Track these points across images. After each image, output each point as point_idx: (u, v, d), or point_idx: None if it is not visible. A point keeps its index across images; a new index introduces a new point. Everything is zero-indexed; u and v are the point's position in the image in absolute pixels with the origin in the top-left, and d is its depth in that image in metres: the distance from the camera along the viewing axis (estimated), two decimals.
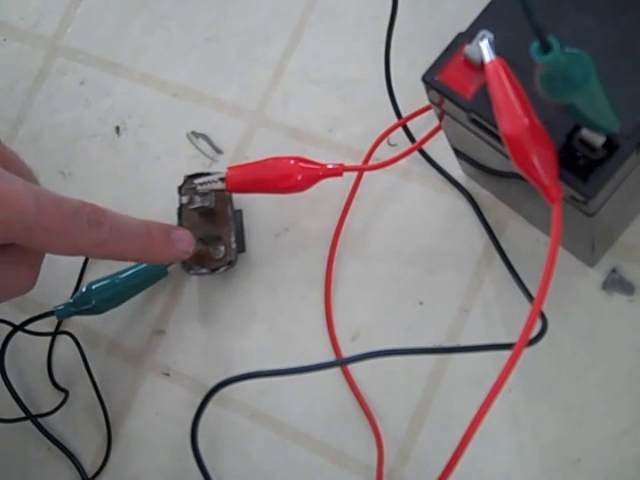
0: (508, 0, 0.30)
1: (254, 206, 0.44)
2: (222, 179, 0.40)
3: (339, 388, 0.40)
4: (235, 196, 0.43)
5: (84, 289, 0.41)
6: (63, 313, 0.41)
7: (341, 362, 0.39)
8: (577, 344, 0.38)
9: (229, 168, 0.40)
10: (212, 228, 0.42)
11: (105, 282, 0.41)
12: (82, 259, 0.45)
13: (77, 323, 0.45)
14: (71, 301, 0.41)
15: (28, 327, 0.43)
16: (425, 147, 0.42)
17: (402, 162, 0.42)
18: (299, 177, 0.39)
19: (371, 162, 0.42)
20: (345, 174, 0.39)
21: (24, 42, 0.51)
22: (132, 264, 0.42)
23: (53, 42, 0.51)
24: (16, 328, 0.42)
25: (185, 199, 0.42)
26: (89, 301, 0.40)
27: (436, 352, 0.39)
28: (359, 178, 0.42)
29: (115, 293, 0.41)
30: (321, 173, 0.39)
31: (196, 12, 0.49)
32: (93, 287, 0.41)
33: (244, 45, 0.47)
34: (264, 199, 0.43)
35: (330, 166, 0.39)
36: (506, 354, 0.28)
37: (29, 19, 0.52)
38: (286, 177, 0.39)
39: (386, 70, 0.42)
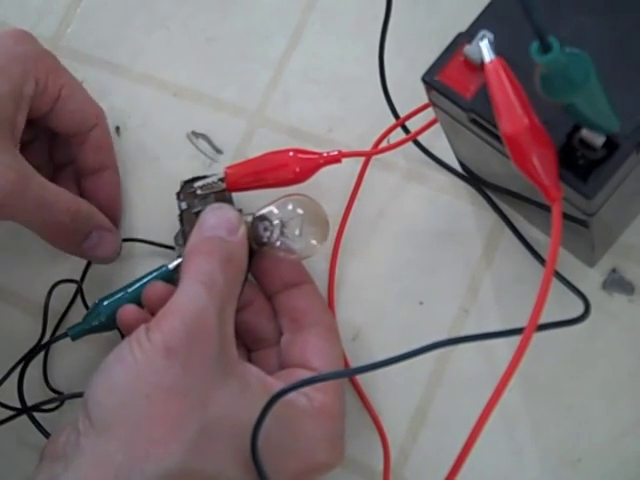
0: (508, 0, 0.30)
1: (255, 206, 0.44)
2: (221, 179, 0.40)
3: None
4: (235, 196, 0.43)
5: (93, 306, 0.41)
6: (76, 333, 0.40)
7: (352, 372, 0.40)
8: (577, 344, 0.38)
9: (227, 167, 0.40)
10: None
11: (114, 297, 0.40)
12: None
13: None
14: (81, 321, 0.41)
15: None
16: (427, 145, 0.42)
17: (403, 163, 0.42)
18: (298, 166, 0.39)
19: (371, 162, 0.42)
20: (345, 176, 0.40)
21: None
22: (138, 277, 0.42)
23: (53, 42, 0.51)
24: (35, 354, 0.43)
25: (184, 205, 0.42)
26: (99, 317, 0.40)
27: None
28: (360, 178, 0.42)
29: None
30: (322, 161, 0.40)
31: (196, 12, 0.49)
32: (102, 303, 0.40)
33: (244, 45, 0.47)
34: (265, 199, 0.43)
35: (329, 154, 0.40)
36: (505, 355, 0.28)
37: (29, 19, 0.52)
38: (285, 167, 0.39)
39: (380, 70, 0.41)
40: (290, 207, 0.39)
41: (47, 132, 0.45)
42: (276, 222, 0.38)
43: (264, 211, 0.39)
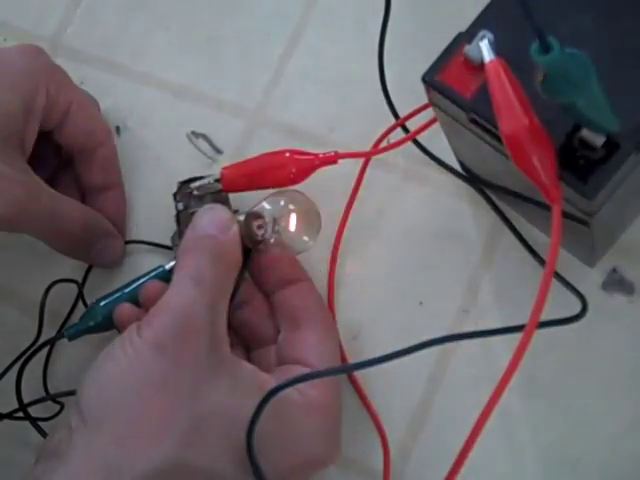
0: (508, 0, 0.30)
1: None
2: (217, 180, 0.40)
3: (343, 388, 0.40)
4: (232, 197, 0.43)
5: (90, 306, 0.41)
6: (73, 334, 0.40)
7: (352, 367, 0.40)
8: (577, 344, 0.38)
9: (223, 168, 0.40)
10: None
11: (110, 297, 0.40)
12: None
13: None
14: (78, 321, 0.41)
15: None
16: (427, 145, 0.42)
17: (403, 162, 0.42)
18: (294, 167, 0.40)
19: (371, 162, 0.42)
20: (345, 176, 0.40)
21: (24, 42, 0.51)
22: (136, 277, 0.42)
23: (53, 42, 0.51)
24: (32, 353, 0.42)
25: (181, 205, 0.42)
26: (95, 317, 0.40)
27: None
28: (360, 178, 0.42)
29: None
30: (317, 162, 0.40)
31: (196, 12, 0.49)
32: (99, 303, 0.40)
33: (244, 45, 0.47)
34: (262, 199, 0.43)
35: (324, 155, 0.40)
36: (505, 355, 0.28)
37: (29, 19, 0.52)
38: (281, 168, 0.40)
39: (380, 70, 0.41)
40: (282, 203, 0.39)
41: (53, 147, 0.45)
42: (268, 219, 0.38)
43: (256, 208, 0.39)
